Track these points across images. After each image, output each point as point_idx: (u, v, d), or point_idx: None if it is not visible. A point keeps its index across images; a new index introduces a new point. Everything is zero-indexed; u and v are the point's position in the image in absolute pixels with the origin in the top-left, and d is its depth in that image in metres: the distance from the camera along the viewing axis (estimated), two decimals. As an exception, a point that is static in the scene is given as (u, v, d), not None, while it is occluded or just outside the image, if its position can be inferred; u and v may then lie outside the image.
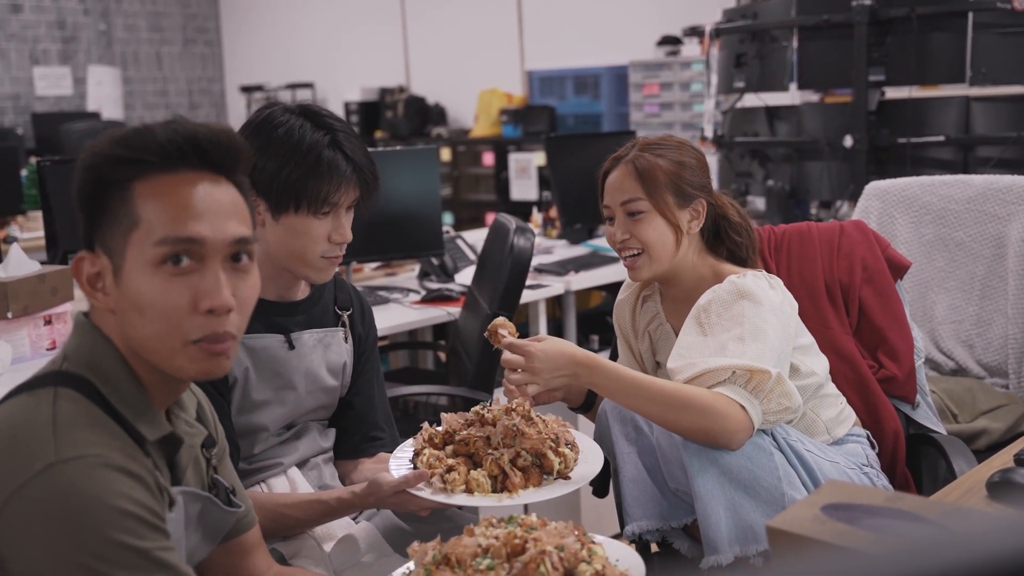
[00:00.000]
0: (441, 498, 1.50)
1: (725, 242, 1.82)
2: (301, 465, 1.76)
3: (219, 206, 1.10)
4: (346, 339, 1.81)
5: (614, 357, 2.02)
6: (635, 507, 1.69)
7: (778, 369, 1.58)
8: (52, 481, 1.00)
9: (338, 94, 8.64)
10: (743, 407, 1.56)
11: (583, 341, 3.63)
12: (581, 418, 1.97)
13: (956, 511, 1.01)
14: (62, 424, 1.04)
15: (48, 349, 2.42)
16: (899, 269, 2.03)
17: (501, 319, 1.69)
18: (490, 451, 1.54)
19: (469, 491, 1.50)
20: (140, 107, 9.59)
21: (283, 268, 1.68)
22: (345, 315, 1.82)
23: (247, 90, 9.43)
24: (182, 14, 9.85)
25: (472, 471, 1.52)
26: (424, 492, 1.50)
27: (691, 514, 1.65)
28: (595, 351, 3.56)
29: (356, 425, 1.85)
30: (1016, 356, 2.38)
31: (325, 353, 1.77)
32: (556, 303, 3.57)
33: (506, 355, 1.60)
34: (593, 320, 3.81)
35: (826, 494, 1.11)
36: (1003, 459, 1.50)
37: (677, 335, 1.79)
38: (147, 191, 1.09)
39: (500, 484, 1.51)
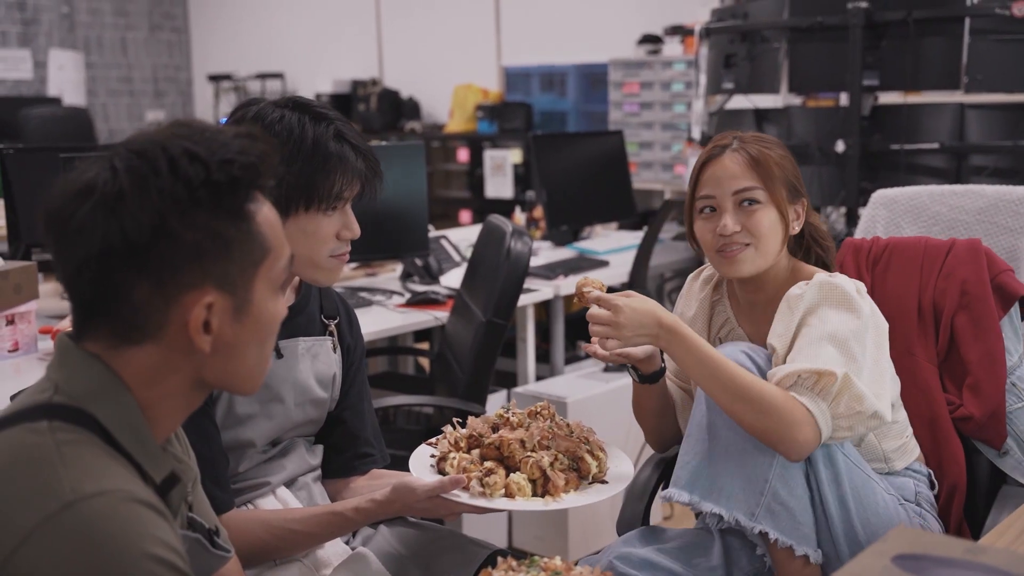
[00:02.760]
0: (481, 503, 1.45)
1: (812, 250, 1.74)
2: (289, 484, 1.64)
3: None
4: (334, 349, 1.70)
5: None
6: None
7: (844, 370, 1.50)
8: (75, 521, 0.88)
9: (309, 85, 8.45)
10: (810, 412, 1.48)
11: (570, 347, 3.52)
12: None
13: (1050, 568, 0.91)
14: (69, 457, 0.92)
15: (11, 351, 2.26)
16: (1010, 298, 1.86)
17: (587, 277, 1.64)
18: (528, 454, 1.49)
19: (509, 495, 1.46)
20: (103, 93, 9.33)
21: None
22: (332, 324, 1.70)
23: (215, 79, 9.20)
24: (149, -1, 9.61)
25: (511, 474, 1.48)
26: (462, 497, 1.45)
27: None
28: (582, 358, 3.48)
29: (347, 441, 1.73)
30: None
31: (314, 363, 1.65)
32: (543, 308, 3.45)
33: (593, 309, 1.56)
34: (580, 325, 3.70)
35: (896, 543, 1.01)
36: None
37: (749, 340, 1.73)
38: (262, 217, 1.03)
39: (541, 488, 1.48)
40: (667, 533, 1.71)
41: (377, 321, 2.74)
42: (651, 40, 6.47)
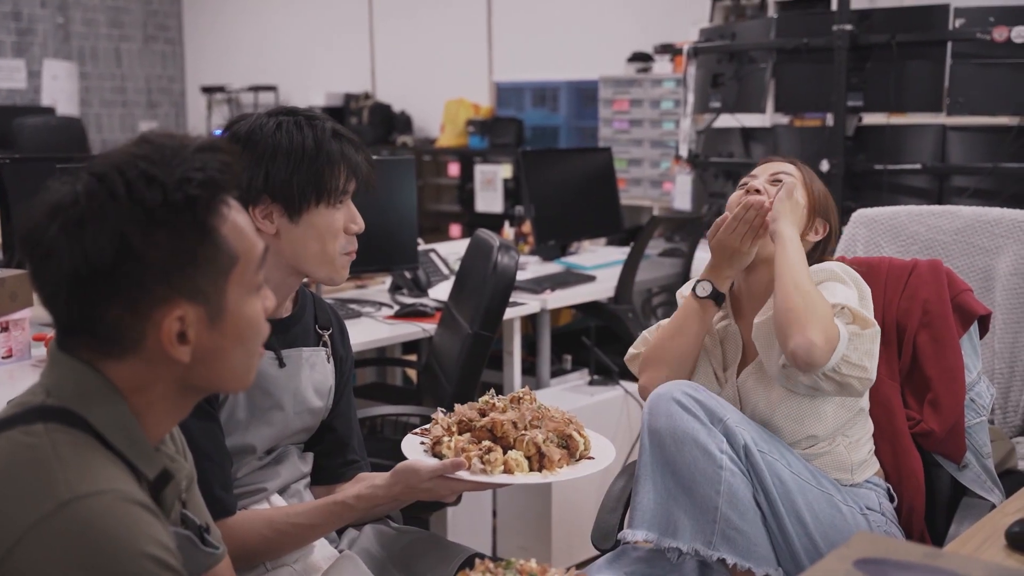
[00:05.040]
0: (482, 479, 1.50)
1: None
2: (282, 491, 1.68)
3: None
4: (329, 359, 1.74)
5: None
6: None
7: (876, 329, 1.64)
8: (71, 520, 0.91)
9: (302, 98, 8.51)
10: (839, 332, 1.61)
11: (556, 361, 3.56)
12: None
13: (1002, 571, 0.96)
14: (66, 457, 0.95)
15: (4, 357, 2.29)
16: (969, 317, 1.93)
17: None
18: (522, 432, 1.55)
19: (508, 471, 1.51)
20: (97, 104, 9.36)
21: (294, 276, 1.63)
22: (327, 335, 1.75)
23: (208, 91, 9.24)
24: (143, 10, 9.63)
25: (508, 452, 1.53)
26: (463, 475, 1.50)
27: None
28: (567, 372, 3.52)
29: (336, 449, 1.78)
30: (1002, 391, 2.35)
31: (311, 373, 1.70)
32: (529, 321, 3.49)
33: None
34: (566, 339, 3.75)
35: (859, 548, 1.05)
36: (1016, 504, 1.46)
37: (743, 340, 1.82)
38: (228, 227, 1.05)
39: (537, 464, 1.54)
40: (638, 551, 1.76)
41: (366, 332, 2.78)
42: (641, 58, 6.53)
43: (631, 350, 1.98)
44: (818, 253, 1.88)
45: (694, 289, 1.81)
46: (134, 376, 1.03)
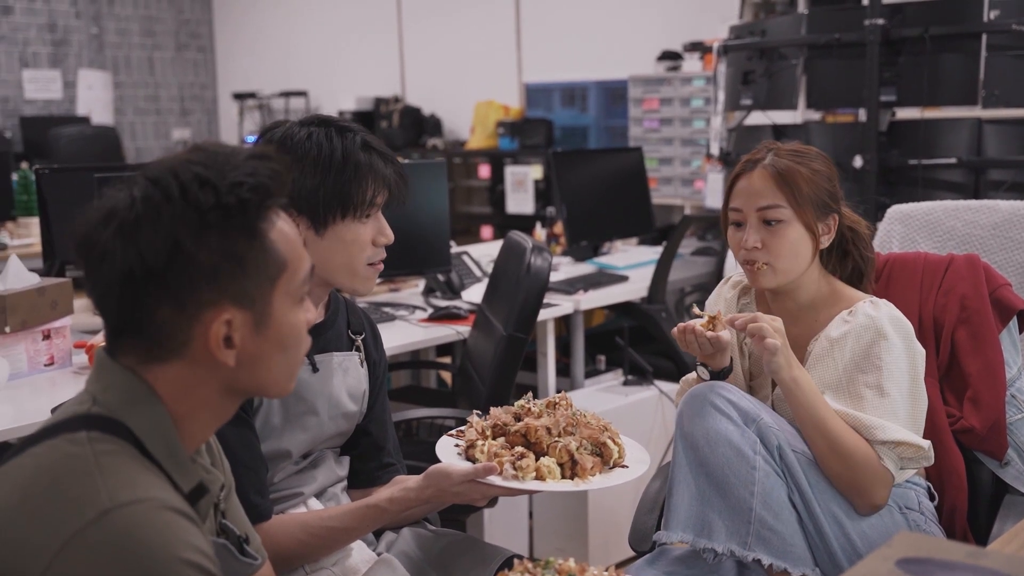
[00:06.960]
0: (514, 484, 1.49)
1: (851, 257, 1.81)
2: (319, 495, 1.69)
3: None
4: (362, 364, 1.75)
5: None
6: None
7: (929, 443, 1.65)
8: (111, 528, 0.93)
9: (333, 103, 8.56)
10: (891, 474, 1.65)
11: (590, 361, 3.56)
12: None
13: (1048, 571, 0.94)
14: (107, 467, 0.97)
15: (46, 365, 2.33)
16: (1008, 312, 1.90)
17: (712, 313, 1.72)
18: (555, 439, 1.55)
19: (539, 478, 1.50)
20: (131, 112, 9.48)
21: (322, 286, 1.63)
22: (359, 339, 1.76)
23: (240, 97, 9.33)
24: (175, 19, 9.75)
25: (540, 459, 1.53)
26: (495, 480, 1.49)
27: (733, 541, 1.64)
28: (601, 372, 3.52)
29: (372, 453, 1.79)
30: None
31: (345, 378, 1.71)
32: (563, 322, 3.49)
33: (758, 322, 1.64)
34: (599, 339, 3.74)
35: (901, 547, 1.05)
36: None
37: None
38: (276, 233, 1.07)
39: (569, 471, 1.53)
40: (677, 552, 1.75)
41: (400, 336, 2.80)
42: (670, 56, 6.51)
43: (678, 399, 1.98)
44: (846, 246, 1.82)
45: (698, 371, 1.79)
46: (178, 380, 1.05)
